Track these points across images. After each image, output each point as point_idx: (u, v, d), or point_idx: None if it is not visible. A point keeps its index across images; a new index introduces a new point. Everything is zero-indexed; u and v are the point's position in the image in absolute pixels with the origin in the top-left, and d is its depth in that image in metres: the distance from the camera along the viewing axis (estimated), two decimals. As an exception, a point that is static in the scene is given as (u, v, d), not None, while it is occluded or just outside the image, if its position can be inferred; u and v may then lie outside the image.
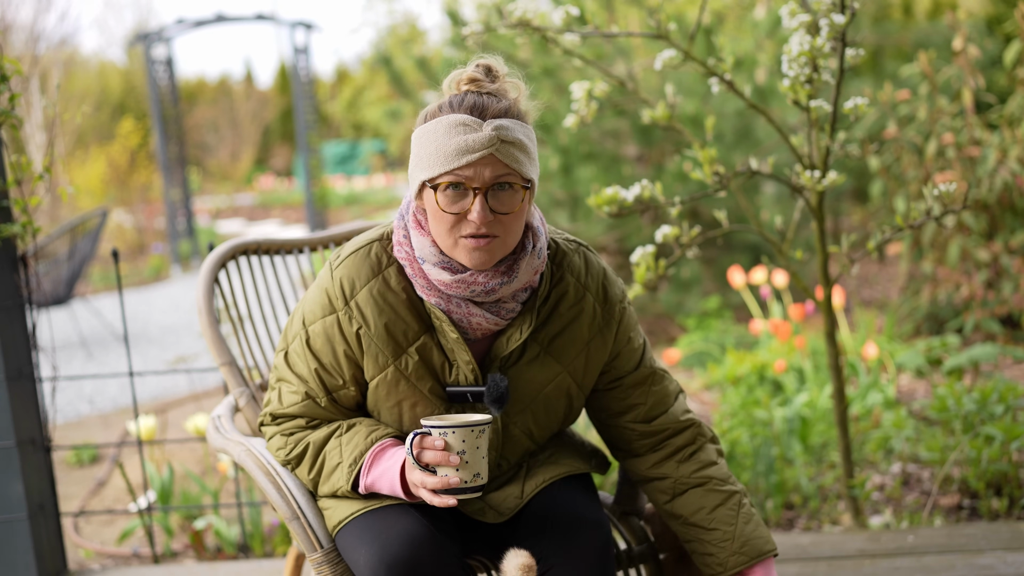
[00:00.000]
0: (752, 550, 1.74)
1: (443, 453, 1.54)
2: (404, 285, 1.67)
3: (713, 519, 1.75)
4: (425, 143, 1.60)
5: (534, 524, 1.70)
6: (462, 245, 1.59)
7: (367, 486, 1.67)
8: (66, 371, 6.25)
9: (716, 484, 1.78)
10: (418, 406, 1.69)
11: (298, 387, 1.71)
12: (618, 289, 1.77)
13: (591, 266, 1.75)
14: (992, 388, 3.25)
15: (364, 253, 1.68)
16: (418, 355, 1.67)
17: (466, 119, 1.58)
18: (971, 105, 4.98)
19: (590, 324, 1.72)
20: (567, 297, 1.72)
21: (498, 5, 2.83)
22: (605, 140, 6.24)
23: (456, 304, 1.64)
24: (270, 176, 22.41)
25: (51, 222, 11.00)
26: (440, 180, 1.58)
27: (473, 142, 1.56)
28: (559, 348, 1.71)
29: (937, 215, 2.49)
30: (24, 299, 2.75)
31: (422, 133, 1.62)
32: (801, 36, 2.46)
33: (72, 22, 24.85)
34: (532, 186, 1.62)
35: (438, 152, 1.58)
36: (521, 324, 1.68)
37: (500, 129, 1.57)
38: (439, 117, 1.61)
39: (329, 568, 1.71)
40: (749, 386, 4.26)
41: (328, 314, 1.67)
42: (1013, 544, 2.65)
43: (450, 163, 1.56)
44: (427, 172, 1.59)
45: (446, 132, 1.58)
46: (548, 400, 1.73)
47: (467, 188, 1.57)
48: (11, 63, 2.61)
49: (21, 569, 2.74)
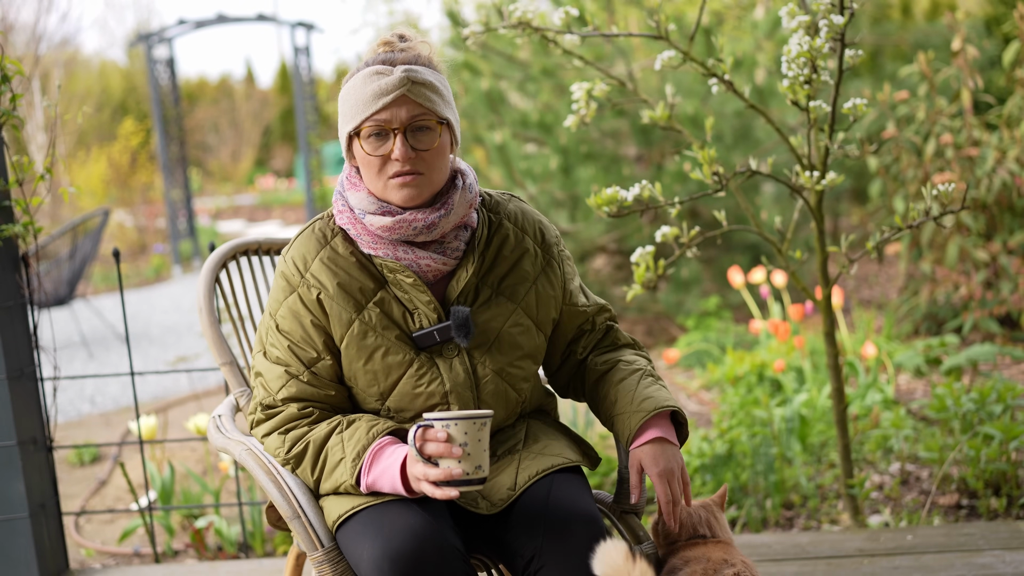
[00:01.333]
0: (649, 404, 1.80)
1: (446, 445, 1.58)
2: (352, 250, 1.78)
3: (617, 391, 1.85)
4: (345, 99, 1.74)
5: (527, 519, 1.71)
6: (391, 185, 1.72)
7: (368, 485, 1.69)
8: (67, 371, 6.26)
9: (623, 365, 1.89)
10: (388, 354, 1.76)
11: (279, 371, 1.77)
12: (553, 233, 1.91)
13: (526, 212, 1.89)
14: (991, 388, 3.25)
15: (308, 232, 1.81)
16: (378, 308, 1.76)
17: (378, 68, 1.71)
18: (970, 105, 4.98)
19: (533, 263, 1.85)
20: (508, 241, 1.84)
21: (498, 6, 2.84)
22: (605, 140, 6.25)
23: (403, 251, 1.75)
24: (271, 176, 22.41)
25: (52, 222, 11.01)
26: (362, 127, 1.71)
27: (386, 84, 1.69)
28: (509, 288, 1.82)
29: (936, 215, 2.50)
30: (25, 299, 2.76)
31: (342, 93, 1.76)
32: (800, 37, 2.46)
33: (73, 22, 24.87)
34: (449, 124, 1.75)
35: (357, 102, 1.71)
36: (467, 264, 1.79)
37: (410, 71, 1.70)
38: (355, 75, 1.74)
39: (330, 567, 1.72)
40: (748, 386, 4.26)
41: (289, 294, 1.78)
42: (1012, 543, 2.66)
43: (368, 109, 1.70)
44: (350, 124, 1.73)
45: (362, 83, 1.71)
46: (510, 336, 1.81)
47: (387, 131, 1.70)
48: (12, 64, 2.62)
49: (23, 568, 2.75)
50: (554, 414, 2.01)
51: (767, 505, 3.22)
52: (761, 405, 3.63)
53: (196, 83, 25.37)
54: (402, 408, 1.78)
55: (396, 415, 1.79)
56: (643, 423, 1.79)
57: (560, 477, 1.79)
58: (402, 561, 1.58)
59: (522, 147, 6.32)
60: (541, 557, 1.67)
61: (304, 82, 12.13)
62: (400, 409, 1.78)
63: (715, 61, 2.66)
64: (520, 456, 1.82)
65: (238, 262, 2.20)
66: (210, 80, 26.27)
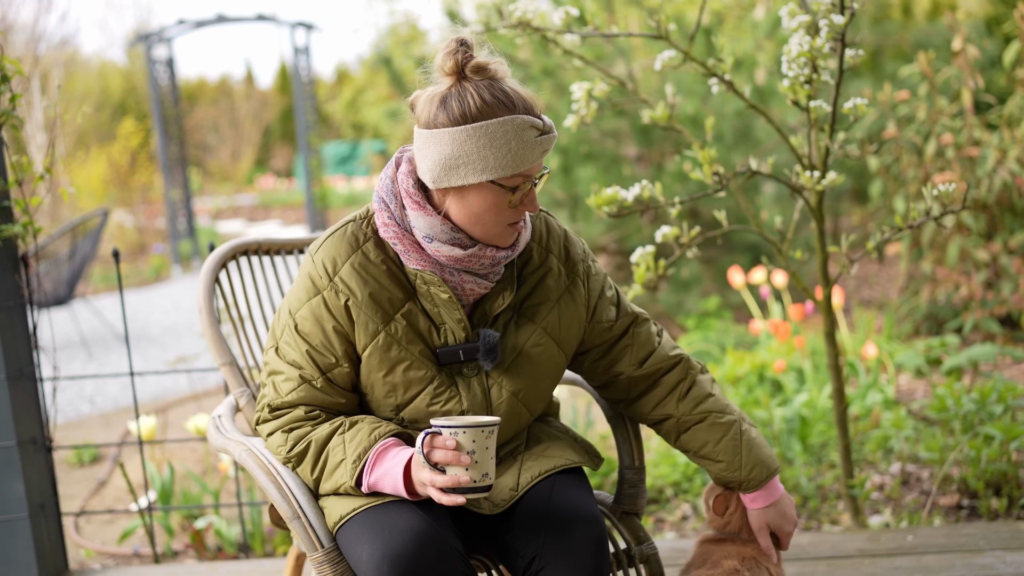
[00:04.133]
0: (759, 474, 1.87)
1: (454, 453, 1.57)
2: (383, 258, 1.74)
3: (718, 451, 1.87)
4: (492, 143, 1.64)
5: (529, 520, 1.71)
6: (507, 231, 1.70)
7: (370, 485, 1.69)
8: (67, 371, 6.25)
9: (715, 417, 1.88)
10: (411, 369, 1.73)
11: (292, 374, 1.74)
12: (579, 248, 1.87)
13: (552, 230, 1.85)
14: (991, 388, 3.25)
15: (340, 234, 1.76)
16: (405, 320, 1.73)
17: (535, 121, 1.66)
18: (970, 105, 4.98)
19: (556, 283, 1.81)
20: (532, 261, 1.81)
21: (498, 5, 2.83)
22: (605, 140, 6.25)
23: (449, 273, 1.72)
24: (270, 176, 22.40)
25: (52, 222, 11.01)
26: (515, 177, 1.67)
27: (546, 142, 1.67)
28: (531, 309, 1.80)
29: (936, 215, 2.50)
30: (25, 299, 2.76)
31: (483, 132, 1.64)
32: (800, 36, 2.46)
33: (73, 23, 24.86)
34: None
35: (513, 153, 1.64)
36: (503, 290, 1.77)
37: (552, 129, 1.69)
38: (500, 117, 1.64)
39: (330, 568, 1.72)
40: (749, 386, 4.26)
41: (313, 296, 1.73)
42: (1012, 544, 2.66)
43: (525, 164, 1.66)
44: (499, 172, 1.65)
45: (516, 132, 1.64)
46: (529, 357, 1.79)
47: (528, 181, 1.69)
48: (12, 64, 2.62)
49: (22, 569, 2.74)
50: (556, 416, 2.01)
51: (767, 505, 3.21)
52: (761, 405, 3.63)
53: (196, 83, 25.37)
54: (416, 420, 1.77)
55: (409, 426, 1.78)
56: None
57: (562, 478, 1.78)
58: (402, 562, 1.58)
59: (522, 147, 6.30)
60: (542, 558, 1.66)
61: (304, 82, 12.13)
62: (414, 420, 1.77)
63: (715, 61, 2.65)
64: (522, 457, 1.82)
65: (238, 262, 2.20)
66: (210, 80, 26.26)
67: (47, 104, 2.77)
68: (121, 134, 14.40)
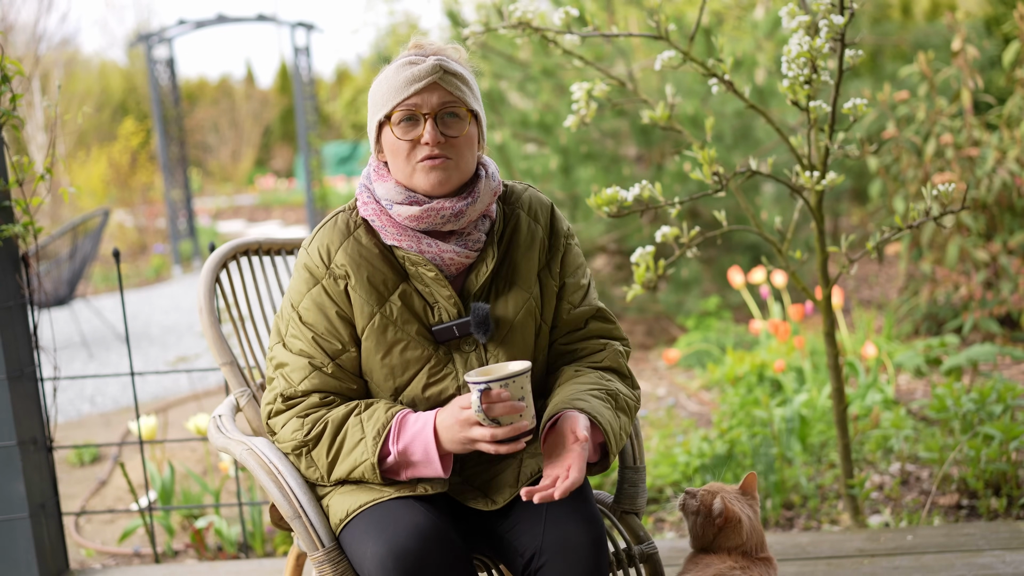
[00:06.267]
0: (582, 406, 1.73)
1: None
2: (375, 242, 1.80)
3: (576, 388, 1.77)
4: (376, 89, 1.78)
5: (528, 518, 1.72)
6: (419, 169, 1.74)
7: (400, 452, 1.69)
8: (67, 371, 6.26)
9: (599, 379, 1.79)
10: (407, 349, 1.77)
11: (303, 363, 1.77)
12: (565, 225, 1.91)
13: (541, 201, 1.91)
14: (991, 388, 3.25)
15: (332, 224, 1.82)
16: (400, 301, 1.77)
17: (411, 57, 1.75)
18: (970, 106, 4.98)
19: (540, 253, 1.86)
20: (520, 229, 1.86)
21: (498, 6, 2.84)
22: (605, 140, 6.25)
23: (427, 244, 1.76)
24: (271, 176, 22.40)
25: (52, 222, 11.01)
26: (394, 112, 1.74)
27: (418, 71, 1.72)
28: (521, 276, 1.83)
29: (936, 215, 2.50)
30: (25, 299, 2.76)
31: (374, 84, 1.80)
32: (800, 37, 2.46)
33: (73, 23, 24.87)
34: (477, 117, 1.78)
35: (388, 90, 1.74)
36: (486, 258, 1.81)
37: (442, 60, 1.73)
38: (386, 68, 1.78)
39: (330, 567, 1.72)
40: (748, 386, 4.26)
41: (313, 285, 1.78)
42: (1012, 543, 2.66)
43: (400, 95, 1.73)
44: (382, 110, 1.75)
45: (394, 72, 1.75)
46: (523, 327, 1.82)
47: (418, 116, 1.73)
48: (13, 64, 2.62)
49: (23, 568, 2.75)
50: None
51: (767, 505, 3.22)
52: (761, 405, 3.63)
53: (196, 83, 25.35)
54: (414, 403, 1.79)
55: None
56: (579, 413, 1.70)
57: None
58: (406, 559, 1.59)
59: (522, 147, 6.32)
60: (541, 556, 1.67)
61: (304, 82, 12.13)
62: (412, 404, 1.79)
63: (715, 61, 2.66)
64: (522, 455, 1.82)
65: (238, 262, 2.20)
66: (210, 80, 26.25)
67: (47, 104, 2.78)
68: (121, 134, 14.41)
